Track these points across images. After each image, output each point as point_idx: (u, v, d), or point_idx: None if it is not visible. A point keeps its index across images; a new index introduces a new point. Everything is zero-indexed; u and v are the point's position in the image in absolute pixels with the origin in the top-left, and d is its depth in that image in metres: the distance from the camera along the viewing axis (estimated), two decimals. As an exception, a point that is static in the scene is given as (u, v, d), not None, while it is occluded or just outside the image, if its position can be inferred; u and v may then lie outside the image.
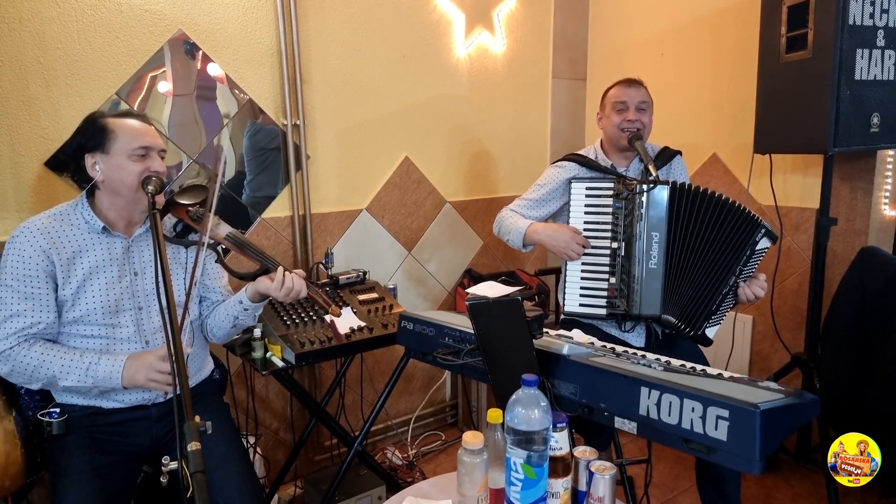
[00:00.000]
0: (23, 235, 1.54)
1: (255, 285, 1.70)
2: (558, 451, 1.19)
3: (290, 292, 1.66)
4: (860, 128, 2.09)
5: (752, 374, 2.91)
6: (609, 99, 2.20)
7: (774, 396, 1.22)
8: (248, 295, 1.73)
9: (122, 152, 1.56)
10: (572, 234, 2.06)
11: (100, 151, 1.56)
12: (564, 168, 2.26)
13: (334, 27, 2.54)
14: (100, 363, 1.53)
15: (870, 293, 2.18)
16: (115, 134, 1.57)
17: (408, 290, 2.97)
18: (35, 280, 1.53)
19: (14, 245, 1.54)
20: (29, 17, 1.92)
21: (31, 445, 1.58)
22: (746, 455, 1.14)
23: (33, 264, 1.53)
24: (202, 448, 1.57)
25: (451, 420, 3.22)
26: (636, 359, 1.51)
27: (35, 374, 1.52)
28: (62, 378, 1.52)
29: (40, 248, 1.54)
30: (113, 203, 1.62)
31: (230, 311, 1.77)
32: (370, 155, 2.74)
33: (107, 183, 1.58)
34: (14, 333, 1.52)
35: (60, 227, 1.58)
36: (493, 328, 1.40)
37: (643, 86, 2.20)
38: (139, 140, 1.58)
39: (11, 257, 1.54)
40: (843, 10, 1.99)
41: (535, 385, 1.14)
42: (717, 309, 1.96)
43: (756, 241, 1.89)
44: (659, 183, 1.97)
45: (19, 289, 1.52)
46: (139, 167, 1.56)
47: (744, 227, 1.90)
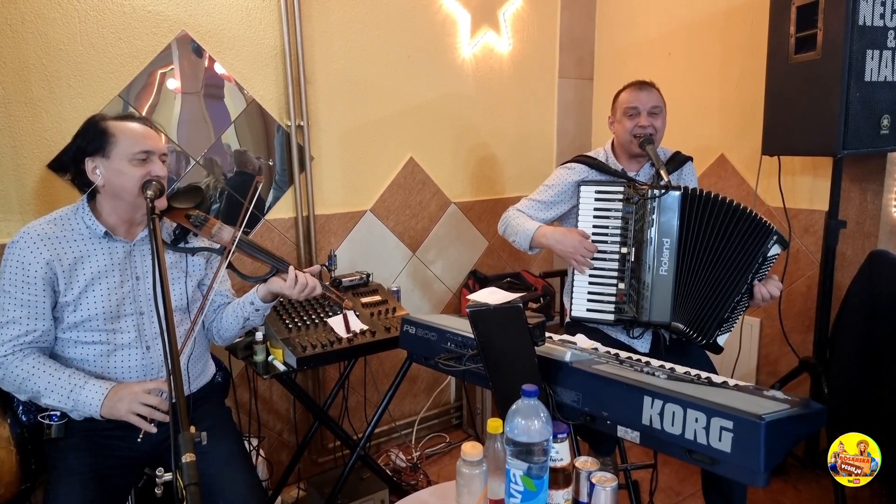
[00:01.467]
0: (23, 242, 1.53)
1: (268, 286, 1.69)
2: (559, 462, 1.17)
3: (304, 289, 1.66)
4: (870, 130, 2.06)
5: (760, 378, 2.88)
6: (620, 103, 2.16)
7: (779, 407, 1.20)
8: (259, 295, 1.72)
9: (123, 156, 1.54)
10: (581, 239, 2.03)
11: (100, 155, 1.54)
12: (574, 170, 2.23)
13: (339, 27, 2.53)
14: (84, 387, 1.50)
15: (879, 297, 2.15)
16: (116, 138, 1.54)
17: (412, 292, 2.96)
18: (33, 287, 1.52)
19: (14, 251, 1.53)
20: (32, 19, 1.92)
21: (26, 451, 1.57)
22: (751, 467, 1.12)
23: (32, 272, 1.52)
24: (205, 452, 1.57)
25: (456, 422, 3.21)
26: (640, 366, 1.50)
27: (22, 386, 1.51)
28: (45, 395, 1.50)
29: (41, 257, 1.52)
30: (114, 207, 1.61)
31: (240, 312, 1.76)
32: (374, 156, 2.73)
33: (107, 187, 1.57)
34: (10, 340, 1.51)
35: (62, 233, 1.57)
36: (494, 335, 1.38)
37: (655, 88, 2.16)
38: (140, 144, 1.55)
39: (11, 263, 1.53)
40: (853, 10, 1.95)
41: (535, 395, 1.12)
42: (729, 317, 1.92)
43: (768, 248, 1.85)
44: (671, 188, 1.94)
45: (17, 295, 1.52)
46: (140, 171, 1.54)
47: (756, 234, 1.86)
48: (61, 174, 2.00)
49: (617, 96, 2.20)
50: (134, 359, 1.63)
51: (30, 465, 1.58)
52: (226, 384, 1.99)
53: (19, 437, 1.56)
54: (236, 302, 1.80)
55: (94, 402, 1.49)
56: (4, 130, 1.92)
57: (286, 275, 1.66)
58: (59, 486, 1.48)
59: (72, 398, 1.50)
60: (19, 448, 1.54)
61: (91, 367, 1.60)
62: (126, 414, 1.47)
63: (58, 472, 1.51)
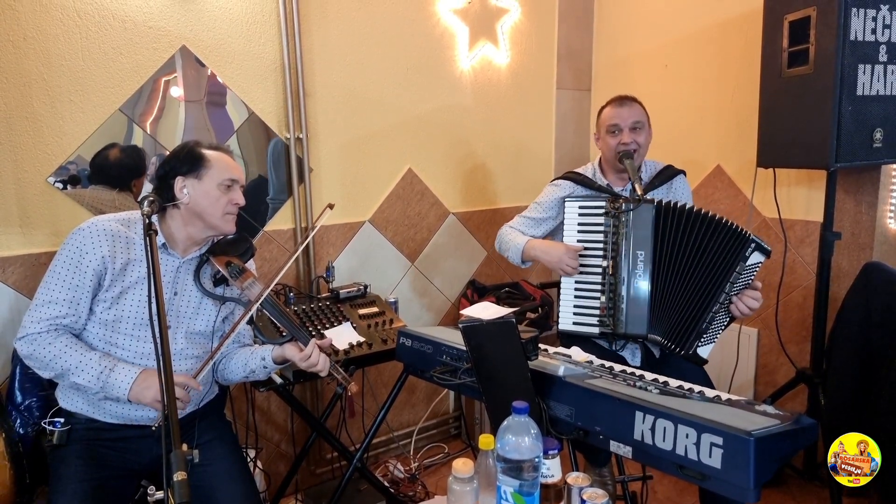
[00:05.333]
0: (89, 230, 1.61)
1: (283, 350, 1.72)
2: (550, 478, 1.18)
3: (312, 367, 1.70)
4: (863, 143, 2.07)
5: (758, 389, 2.89)
6: (603, 121, 2.20)
7: (770, 423, 1.21)
8: (273, 355, 1.74)
9: (213, 181, 1.67)
10: (565, 249, 2.08)
11: (193, 177, 1.66)
12: (559, 186, 2.29)
13: (338, 41, 2.55)
14: (115, 370, 1.56)
15: (875, 309, 2.15)
16: (211, 163, 1.68)
17: (411, 302, 2.97)
18: (83, 275, 1.59)
19: (77, 236, 1.61)
20: (34, 35, 1.95)
21: (21, 465, 1.58)
22: (740, 483, 1.14)
23: (87, 260, 1.59)
24: (205, 466, 1.59)
25: (455, 432, 3.22)
26: (633, 380, 1.51)
27: (51, 364, 1.55)
28: (75, 374, 1.54)
29: (100, 250, 1.60)
30: (186, 224, 1.70)
31: (249, 363, 1.78)
32: (373, 167, 2.75)
33: (191, 206, 1.67)
34: (47, 319, 1.57)
35: (126, 233, 1.66)
36: (487, 350, 1.40)
37: (637, 102, 2.18)
38: (230, 173, 1.70)
39: (70, 246, 1.60)
40: (845, 25, 1.97)
41: (526, 412, 1.14)
42: (708, 327, 1.93)
43: (746, 257, 1.86)
44: (644, 202, 1.96)
45: (66, 277, 1.59)
46: (225, 197, 1.69)
47: (731, 243, 1.87)
48: (61, 188, 2.03)
49: (600, 113, 2.23)
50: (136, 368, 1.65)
51: (24, 479, 1.59)
52: (224, 395, 2.00)
53: (14, 450, 1.57)
54: (248, 350, 1.81)
55: (124, 384, 1.55)
56: (6, 144, 1.95)
57: (302, 346, 1.70)
58: (59, 493, 1.50)
59: (101, 378, 1.55)
60: (14, 462, 1.56)
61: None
62: (152, 401, 1.54)
63: (58, 479, 1.53)
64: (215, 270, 1.75)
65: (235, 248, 1.77)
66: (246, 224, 2.42)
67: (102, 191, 2.10)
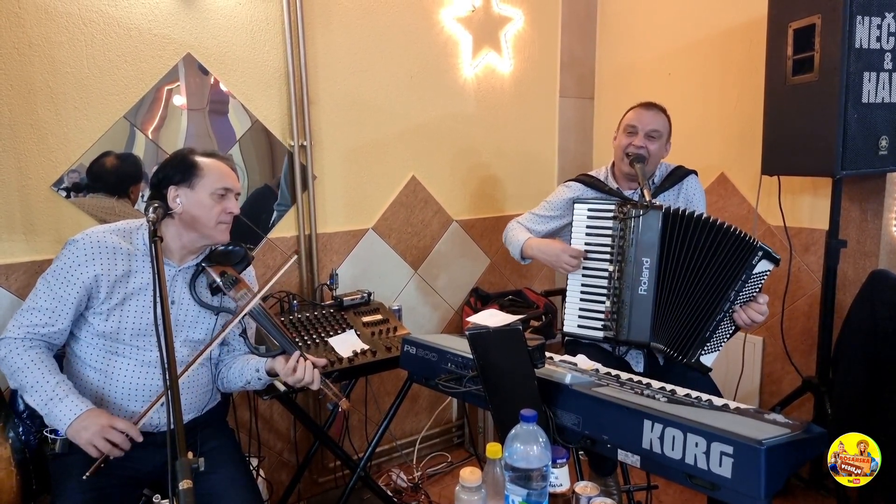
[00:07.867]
0: (83, 244, 1.61)
1: (273, 363, 1.71)
2: (558, 487, 1.17)
3: (298, 382, 1.66)
4: (868, 151, 2.07)
5: (763, 398, 2.87)
6: (625, 120, 2.20)
7: (780, 431, 1.20)
8: (266, 367, 1.73)
9: (206, 190, 1.65)
10: (563, 247, 2.09)
11: (185, 186, 1.64)
12: (571, 188, 2.30)
13: (342, 48, 2.56)
14: (62, 401, 1.51)
15: (881, 317, 2.14)
16: (204, 172, 1.66)
17: (414, 310, 2.96)
18: (70, 288, 1.59)
19: (72, 249, 1.61)
20: (39, 42, 1.95)
21: (27, 472, 1.58)
22: (751, 493, 1.12)
23: (77, 274, 1.59)
24: (209, 474, 1.57)
25: (458, 440, 3.20)
26: (640, 388, 1.49)
27: (15, 375, 1.55)
28: (28, 392, 1.54)
29: (93, 268, 1.59)
30: (181, 233, 1.69)
31: (245, 374, 1.77)
32: (377, 175, 2.75)
33: (184, 215, 1.65)
34: (27, 325, 1.57)
35: (121, 244, 1.64)
36: (493, 358, 1.39)
37: (663, 113, 2.17)
38: (223, 181, 1.68)
39: (63, 258, 1.60)
40: (850, 33, 1.97)
41: (534, 421, 1.12)
42: (712, 336, 1.92)
43: (753, 265, 1.84)
44: (652, 208, 1.95)
45: (53, 286, 1.59)
46: (218, 206, 1.66)
47: (738, 251, 1.85)
48: (65, 195, 2.02)
49: (626, 114, 2.22)
50: (136, 377, 1.65)
51: (30, 485, 1.58)
52: (226, 403, 1.99)
53: (20, 457, 1.57)
54: (245, 361, 1.80)
55: (65, 419, 1.50)
56: (10, 152, 1.94)
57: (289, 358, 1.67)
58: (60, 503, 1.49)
59: (48, 406, 1.52)
60: (20, 469, 1.55)
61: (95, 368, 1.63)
62: (85, 443, 1.48)
63: (61, 490, 1.52)
64: (211, 279, 1.74)
65: (231, 257, 1.76)
66: (249, 232, 2.42)
67: (102, 198, 2.10)
